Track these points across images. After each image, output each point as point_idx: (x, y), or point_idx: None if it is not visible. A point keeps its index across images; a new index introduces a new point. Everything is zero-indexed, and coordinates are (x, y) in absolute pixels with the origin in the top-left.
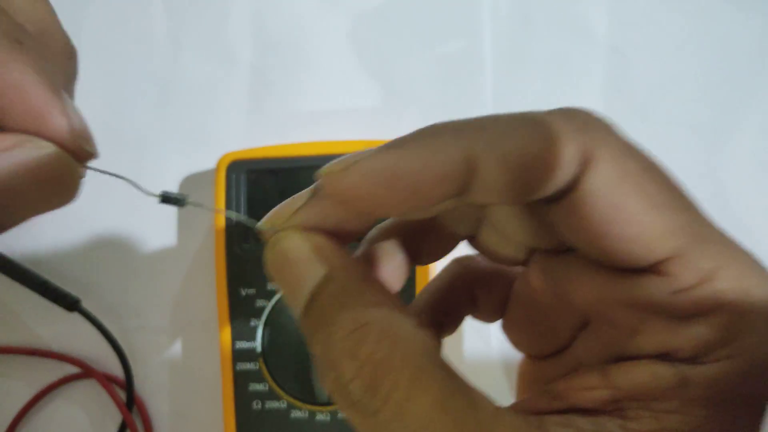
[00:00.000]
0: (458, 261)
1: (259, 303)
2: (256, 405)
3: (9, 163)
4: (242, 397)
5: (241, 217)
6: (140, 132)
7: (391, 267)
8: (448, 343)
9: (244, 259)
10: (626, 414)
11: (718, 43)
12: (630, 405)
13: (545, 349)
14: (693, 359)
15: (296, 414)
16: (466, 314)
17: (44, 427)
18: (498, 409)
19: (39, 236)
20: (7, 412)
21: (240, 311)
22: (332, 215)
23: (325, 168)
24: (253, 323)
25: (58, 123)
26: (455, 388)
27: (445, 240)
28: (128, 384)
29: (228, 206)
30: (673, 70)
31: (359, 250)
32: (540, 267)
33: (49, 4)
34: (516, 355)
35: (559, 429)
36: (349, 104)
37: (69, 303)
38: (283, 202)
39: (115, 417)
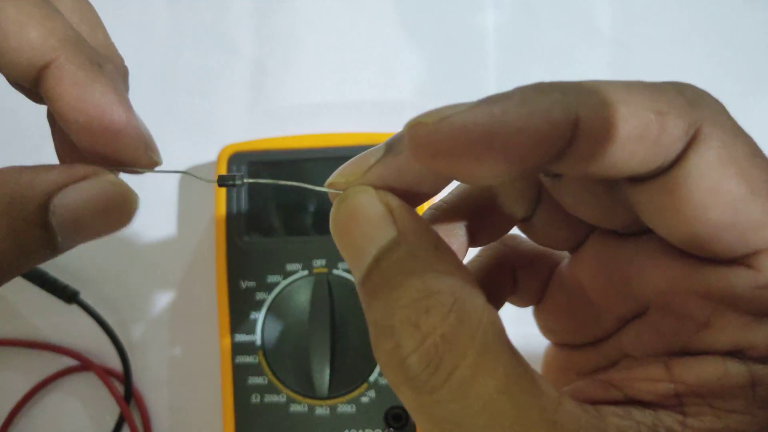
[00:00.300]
0: (502, 241)
1: (259, 296)
2: (256, 398)
3: (80, 195)
4: (241, 391)
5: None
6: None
7: (454, 245)
8: None
9: (244, 252)
10: (686, 410)
11: (724, 36)
12: (691, 401)
13: (582, 338)
14: (766, 359)
15: (295, 408)
16: (507, 296)
17: (42, 419)
18: (560, 397)
19: None
20: (5, 405)
21: (240, 304)
22: (408, 174)
23: (413, 119)
24: (252, 316)
25: (136, 140)
26: (521, 372)
27: (502, 221)
28: (126, 377)
29: (228, 198)
30: (677, 63)
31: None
32: (596, 250)
33: (106, 31)
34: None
35: (617, 420)
36: (350, 96)
37: (68, 295)
38: (355, 157)
39: (113, 410)
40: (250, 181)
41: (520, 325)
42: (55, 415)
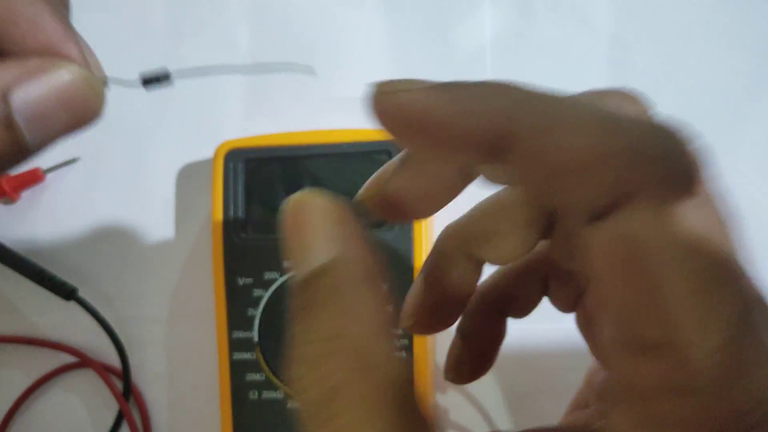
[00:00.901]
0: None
1: (257, 292)
2: (253, 395)
3: (41, 88)
4: (239, 387)
5: None
6: (138, 120)
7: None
8: None
9: (241, 249)
10: None
11: (724, 32)
12: None
13: None
14: None
15: (293, 404)
16: (539, 300)
17: (41, 416)
18: None
19: (36, 225)
20: (4, 401)
21: (237, 301)
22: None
23: (376, 84)
24: (250, 313)
25: (73, 52)
26: None
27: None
28: (125, 373)
29: (226, 195)
30: (676, 60)
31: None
32: None
33: None
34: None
35: None
36: (346, 92)
37: (66, 292)
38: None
39: (111, 406)
40: (177, 74)
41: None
42: (54, 411)
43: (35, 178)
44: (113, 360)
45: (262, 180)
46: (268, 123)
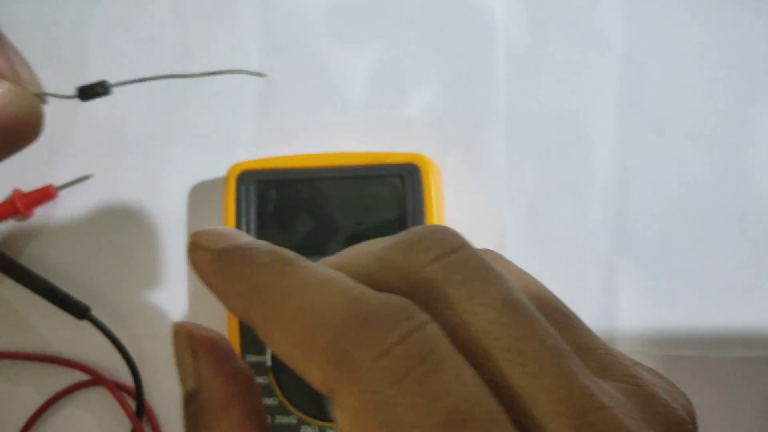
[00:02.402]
0: None
1: None
2: (266, 420)
3: None
4: None
5: None
6: (148, 137)
7: None
8: None
9: None
10: None
11: (737, 53)
12: None
13: None
14: None
15: (306, 430)
16: None
17: None
18: None
19: (49, 241)
20: (17, 419)
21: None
22: None
23: (189, 237)
24: None
25: (2, 66)
26: None
27: None
28: (138, 392)
29: (238, 217)
30: (690, 80)
31: None
32: None
33: None
34: None
35: None
36: (359, 113)
37: (79, 311)
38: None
39: (124, 425)
40: (116, 84)
41: None
42: (67, 429)
43: (48, 195)
44: (126, 378)
45: (274, 202)
46: (279, 143)
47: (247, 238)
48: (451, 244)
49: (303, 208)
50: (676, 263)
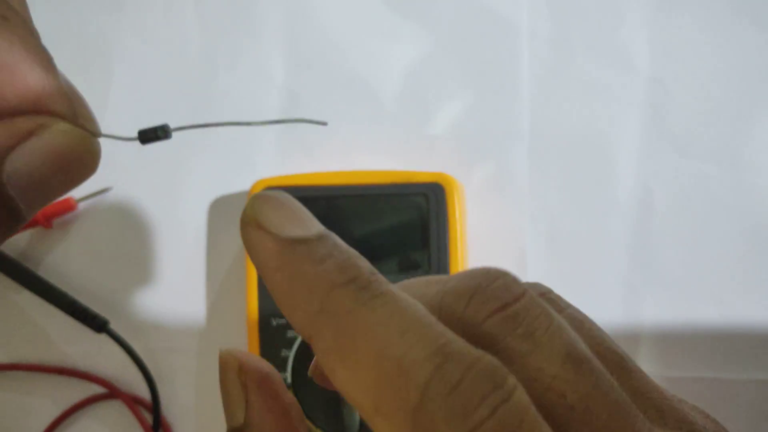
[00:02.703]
0: None
1: (290, 333)
2: None
3: (33, 156)
4: None
5: None
6: (171, 152)
7: None
8: None
9: None
10: None
11: (761, 76)
12: None
13: None
14: None
15: None
16: None
17: None
18: None
19: (68, 253)
20: (34, 430)
21: (271, 341)
22: None
23: (249, 202)
24: (284, 353)
25: (60, 106)
26: None
27: None
28: (155, 406)
29: None
30: (714, 102)
31: None
32: None
33: None
34: None
35: None
36: (383, 131)
37: (98, 324)
38: None
39: None
40: (176, 128)
41: None
42: None
43: (68, 206)
44: (143, 392)
45: None
46: (301, 159)
47: (318, 228)
48: (513, 293)
49: (326, 225)
50: (697, 283)
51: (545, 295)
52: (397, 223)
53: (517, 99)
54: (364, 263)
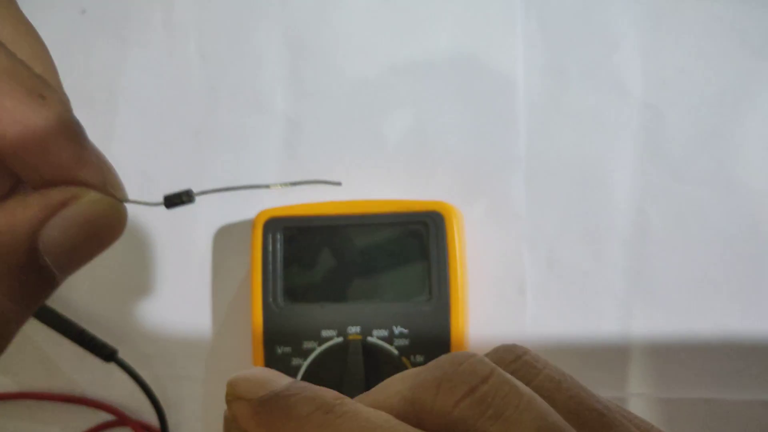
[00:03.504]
0: None
1: (295, 361)
2: None
3: (67, 225)
4: None
5: None
6: (175, 179)
7: None
8: None
9: (279, 316)
10: None
11: (755, 101)
12: None
13: None
14: None
15: None
16: None
17: None
18: None
19: (76, 283)
20: None
21: (276, 368)
22: None
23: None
24: None
25: (91, 176)
26: None
27: None
28: None
29: (264, 264)
30: (707, 127)
31: None
32: None
33: (51, 61)
34: None
35: None
36: (383, 161)
37: (106, 353)
38: None
39: None
40: (199, 193)
41: None
42: None
43: None
44: (151, 419)
45: (300, 249)
46: (304, 188)
47: (284, 381)
48: (480, 375)
49: (329, 255)
50: (693, 305)
51: (521, 357)
52: (398, 251)
53: (514, 127)
54: (329, 393)
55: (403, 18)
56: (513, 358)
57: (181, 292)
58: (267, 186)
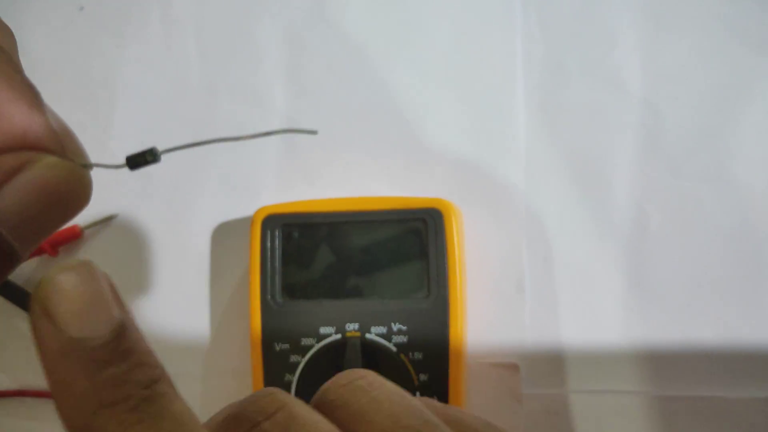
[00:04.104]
0: None
1: (293, 358)
2: None
3: (22, 192)
4: None
5: None
6: (173, 177)
7: None
8: None
9: (278, 313)
10: None
11: (755, 98)
12: None
13: None
14: None
15: None
16: None
17: None
18: None
19: None
20: None
21: (274, 366)
22: None
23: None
24: (287, 378)
25: (46, 139)
26: None
27: None
28: None
29: (263, 261)
30: (707, 124)
31: None
32: None
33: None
34: None
35: None
36: (381, 156)
37: None
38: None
39: None
40: (164, 151)
41: None
42: None
43: (73, 234)
44: None
45: (298, 246)
46: (303, 185)
47: (111, 324)
48: (265, 411)
49: (328, 252)
50: (693, 302)
51: (353, 382)
52: (397, 248)
53: (513, 124)
54: (151, 371)
55: (402, 14)
56: (345, 383)
57: (179, 289)
58: (237, 138)
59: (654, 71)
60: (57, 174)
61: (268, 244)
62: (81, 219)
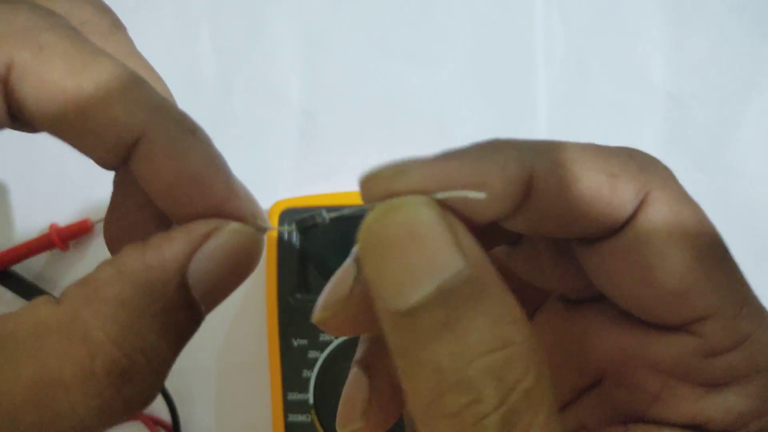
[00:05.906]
0: None
1: (312, 354)
2: None
3: (212, 257)
4: None
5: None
6: None
7: None
8: None
9: (296, 309)
10: None
11: None
12: None
13: None
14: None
15: None
16: None
17: None
18: None
19: (84, 274)
20: None
21: (292, 362)
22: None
23: (368, 172)
24: (305, 374)
25: (239, 208)
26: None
27: None
28: (175, 427)
29: (280, 255)
30: (731, 118)
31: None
32: (550, 319)
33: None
34: None
35: None
36: (398, 150)
37: None
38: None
39: None
40: (333, 215)
41: None
42: None
43: (84, 228)
44: (162, 413)
45: (316, 240)
46: (320, 180)
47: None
48: None
49: (345, 245)
50: None
51: None
52: None
53: (535, 119)
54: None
55: (420, 8)
56: None
57: None
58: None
59: (677, 64)
60: (241, 241)
61: (285, 238)
62: (93, 214)
